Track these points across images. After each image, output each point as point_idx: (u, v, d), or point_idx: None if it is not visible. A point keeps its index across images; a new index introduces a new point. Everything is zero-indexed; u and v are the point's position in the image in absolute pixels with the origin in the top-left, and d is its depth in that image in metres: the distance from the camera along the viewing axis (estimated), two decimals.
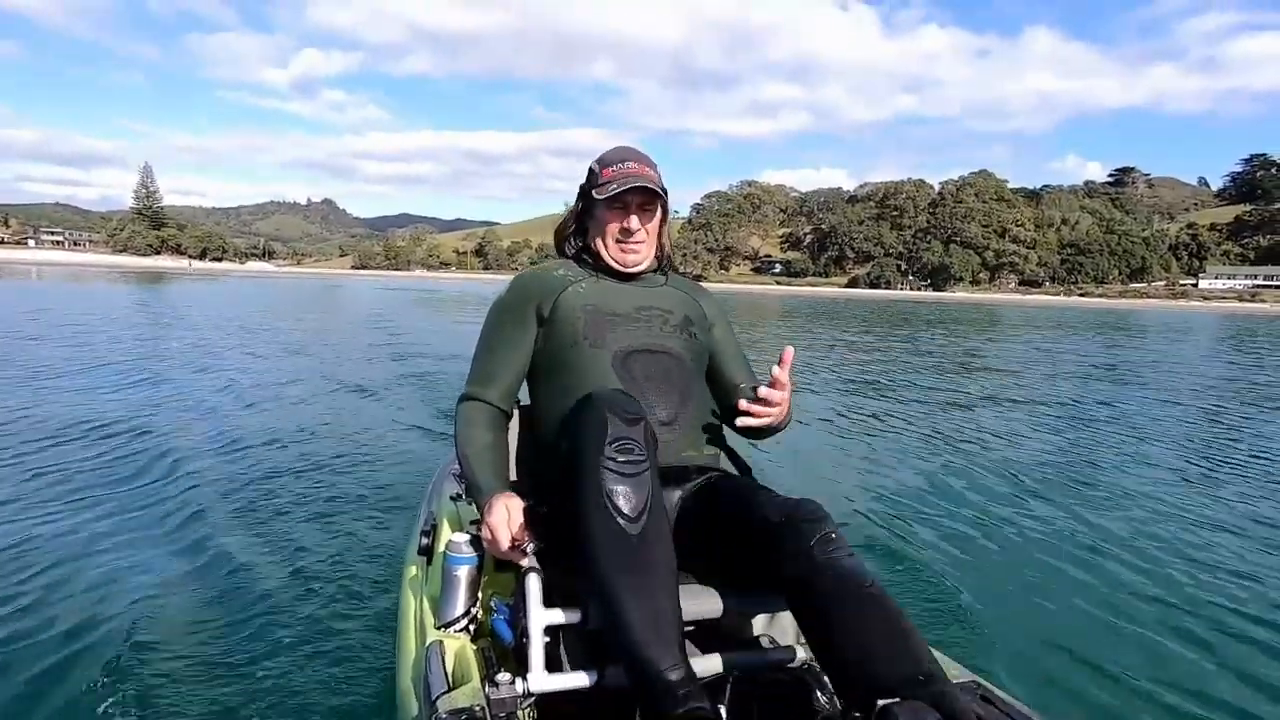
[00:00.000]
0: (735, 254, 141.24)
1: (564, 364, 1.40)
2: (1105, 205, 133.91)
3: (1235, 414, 7.22)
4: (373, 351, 9.91)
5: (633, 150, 1.51)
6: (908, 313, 35.56)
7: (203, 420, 4.88)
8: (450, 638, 1.34)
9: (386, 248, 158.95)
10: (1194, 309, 73.51)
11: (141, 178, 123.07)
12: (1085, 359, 13.43)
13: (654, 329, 1.44)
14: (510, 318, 1.47)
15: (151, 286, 31.19)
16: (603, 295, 1.46)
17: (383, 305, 24.12)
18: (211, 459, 3.88)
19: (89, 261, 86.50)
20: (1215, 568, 2.95)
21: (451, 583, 1.37)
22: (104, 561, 2.53)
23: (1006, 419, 6.47)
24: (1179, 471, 4.65)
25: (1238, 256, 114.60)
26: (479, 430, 1.40)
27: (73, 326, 11.01)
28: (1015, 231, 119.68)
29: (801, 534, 1.13)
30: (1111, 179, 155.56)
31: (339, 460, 3.97)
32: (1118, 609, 2.54)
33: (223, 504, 3.17)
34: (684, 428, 1.37)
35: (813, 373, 9.51)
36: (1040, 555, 3.03)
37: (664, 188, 1.48)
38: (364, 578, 2.48)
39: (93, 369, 6.95)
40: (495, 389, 1.44)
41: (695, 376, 1.46)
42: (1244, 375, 11.26)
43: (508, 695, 1.09)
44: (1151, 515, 3.62)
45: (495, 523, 1.24)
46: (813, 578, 1.09)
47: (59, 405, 5.08)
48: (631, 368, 1.38)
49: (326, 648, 2.03)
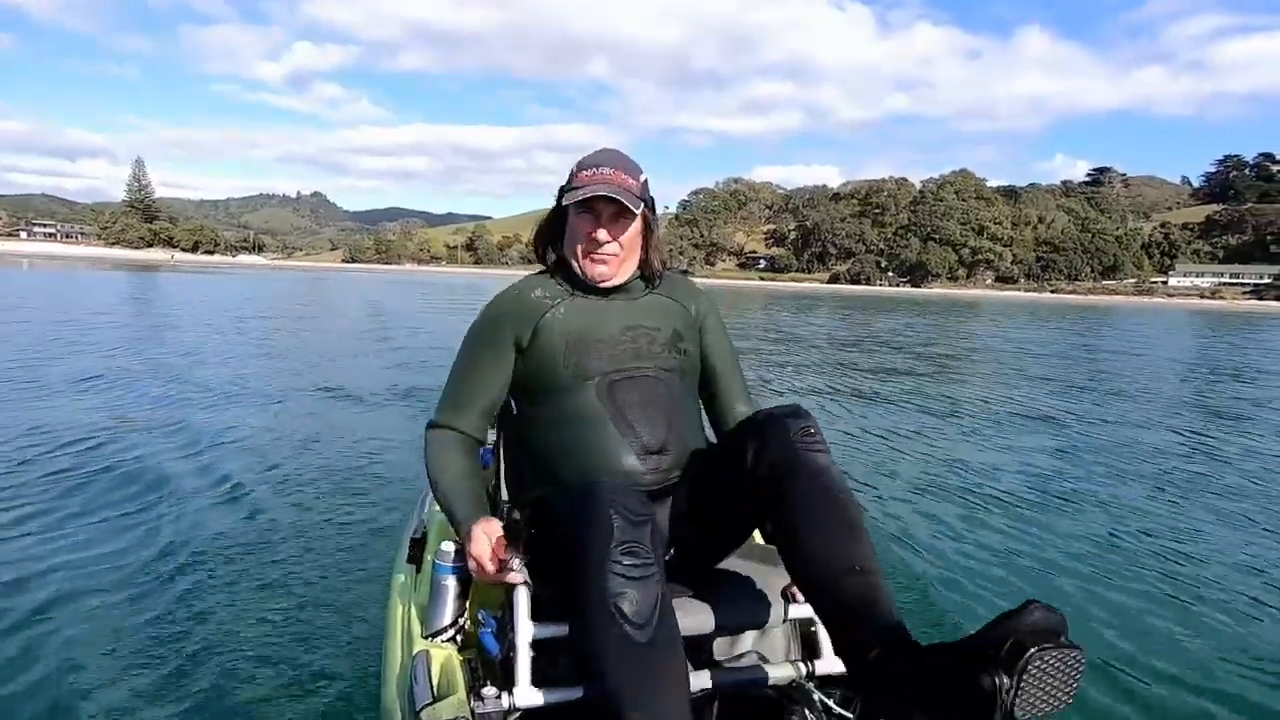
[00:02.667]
0: (721, 250, 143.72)
1: (546, 394, 1.36)
2: (1081, 204, 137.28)
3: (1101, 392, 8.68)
4: (364, 350, 9.96)
5: (616, 155, 1.42)
6: (871, 303, 38.26)
7: (183, 423, 4.73)
8: (437, 648, 1.32)
9: (377, 241, 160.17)
10: (1155, 305, 76.80)
11: (134, 171, 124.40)
12: (1012, 341, 16.06)
13: (640, 350, 1.38)
14: (484, 345, 1.41)
15: (143, 277, 32.28)
16: (584, 318, 1.39)
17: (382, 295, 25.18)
18: (193, 464, 3.80)
19: (81, 254, 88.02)
20: (1206, 560, 3.09)
21: (440, 592, 1.36)
22: (79, 568, 2.49)
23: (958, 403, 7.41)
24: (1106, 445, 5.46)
25: (1207, 255, 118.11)
26: (451, 458, 1.37)
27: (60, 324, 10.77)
28: (993, 229, 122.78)
29: (785, 426, 1.19)
30: (1089, 178, 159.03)
31: (328, 466, 3.92)
32: (1115, 604, 2.59)
33: (206, 510, 3.12)
34: (673, 453, 1.33)
35: (787, 360, 10.62)
36: (1039, 555, 3.08)
37: (646, 198, 1.41)
38: (352, 584, 2.47)
39: (72, 368, 6.68)
40: (467, 418, 1.40)
41: (684, 396, 1.42)
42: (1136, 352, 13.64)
43: (493, 710, 1.07)
44: (1129, 505, 3.87)
45: (478, 553, 1.22)
46: (790, 466, 1.16)
47: (41, 410, 4.94)
48: (616, 396, 1.33)
49: (313, 655, 2.01)
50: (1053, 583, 2.79)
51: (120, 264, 58.40)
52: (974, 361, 12.47)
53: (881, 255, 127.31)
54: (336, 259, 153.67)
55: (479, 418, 1.41)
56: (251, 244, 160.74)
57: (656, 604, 1.03)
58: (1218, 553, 3.22)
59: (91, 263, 59.15)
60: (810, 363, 10.58)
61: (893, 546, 3.07)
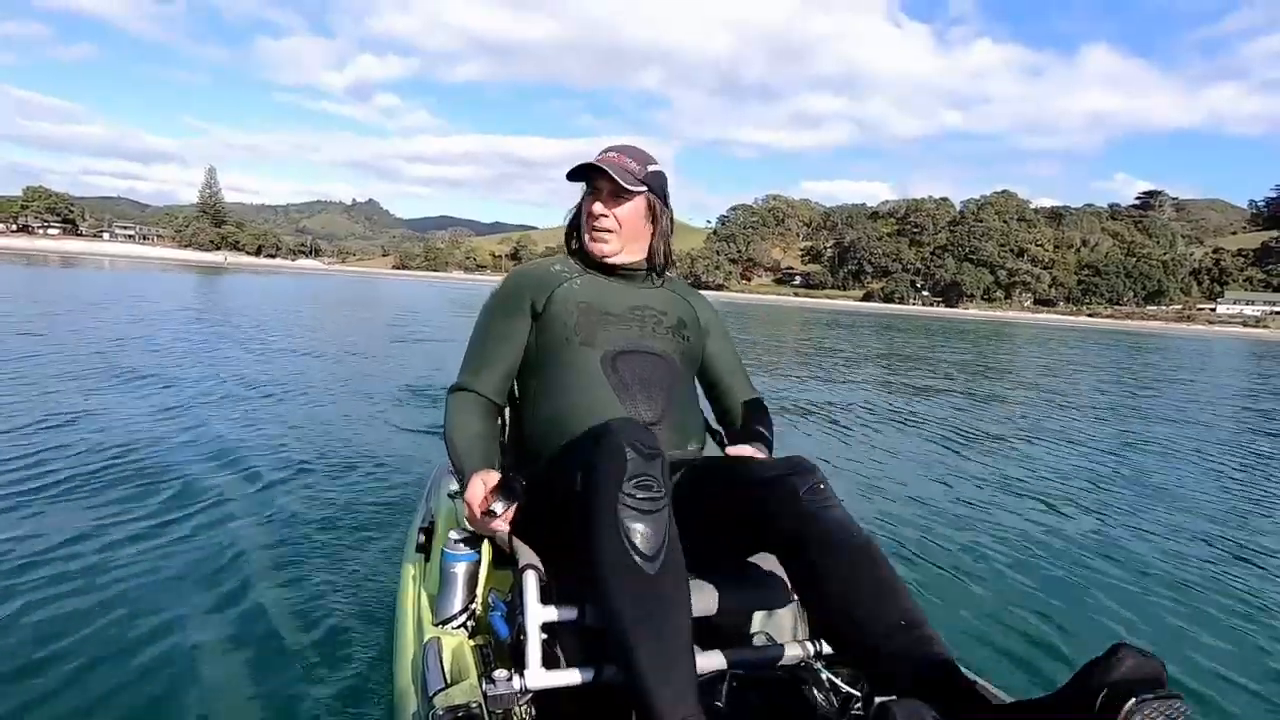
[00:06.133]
0: (757, 265, 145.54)
1: (554, 360, 1.40)
2: (1128, 227, 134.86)
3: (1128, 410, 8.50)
4: (377, 349, 10.05)
5: (629, 145, 1.50)
6: (886, 323, 38.52)
7: (191, 416, 4.74)
8: (448, 634, 1.34)
9: (426, 249, 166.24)
10: (1195, 333, 75.87)
11: (207, 178, 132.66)
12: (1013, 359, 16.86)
13: (646, 329, 1.45)
14: (504, 311, 1.47)
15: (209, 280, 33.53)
16: (597, 293, 1.46)
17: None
18: (205, 455, 3.80)
19: (155, 255, 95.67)
20: (1220, 561, 3.05)
21: (449, 579, 1.39)
22: (93, 554, 2.47)
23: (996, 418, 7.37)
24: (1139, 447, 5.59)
25: (1260, 282, 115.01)
26: (467, 418, 1.41)
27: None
28: (1033, 251, 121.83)
29: (792, 486, 1.15)
30: (1138, 201, 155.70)
31: (336, 457, 3.94)
32: (1116, 611, 2.56)
33: (215, 500, 3.12)
34: (669, 427, 1.37)
35: (808, 370, 10.71)
36: (1039, 557, 3.05)
37: (653, 186, 1.47)
38: (362, 574, 2.47)
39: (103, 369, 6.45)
40: (486, 380, 1.44)
41: (683, 377, 1.46)
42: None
43: (505, 692, 1.09)
44: (1140, 502, 3.85)
45: (470, 497, 1.26)
46: (803, 528, 1.11)
47: (72, 395, 4.99)
48: (620, 368, 1.37)
49: (324, 643, 2.02)
50: (1136, 625, 2.54)
51: (187, 265, 62.10)
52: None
53: (917, 274, 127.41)
54: (388, 265, 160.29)
55: (498, 381, 1.45)
56: (310, 249, 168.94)
57: (665, 537, 1.06)
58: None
59: (162, 263, 62.72)
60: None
61: (944, 582, 2.81)
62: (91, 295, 16.52)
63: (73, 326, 9.57)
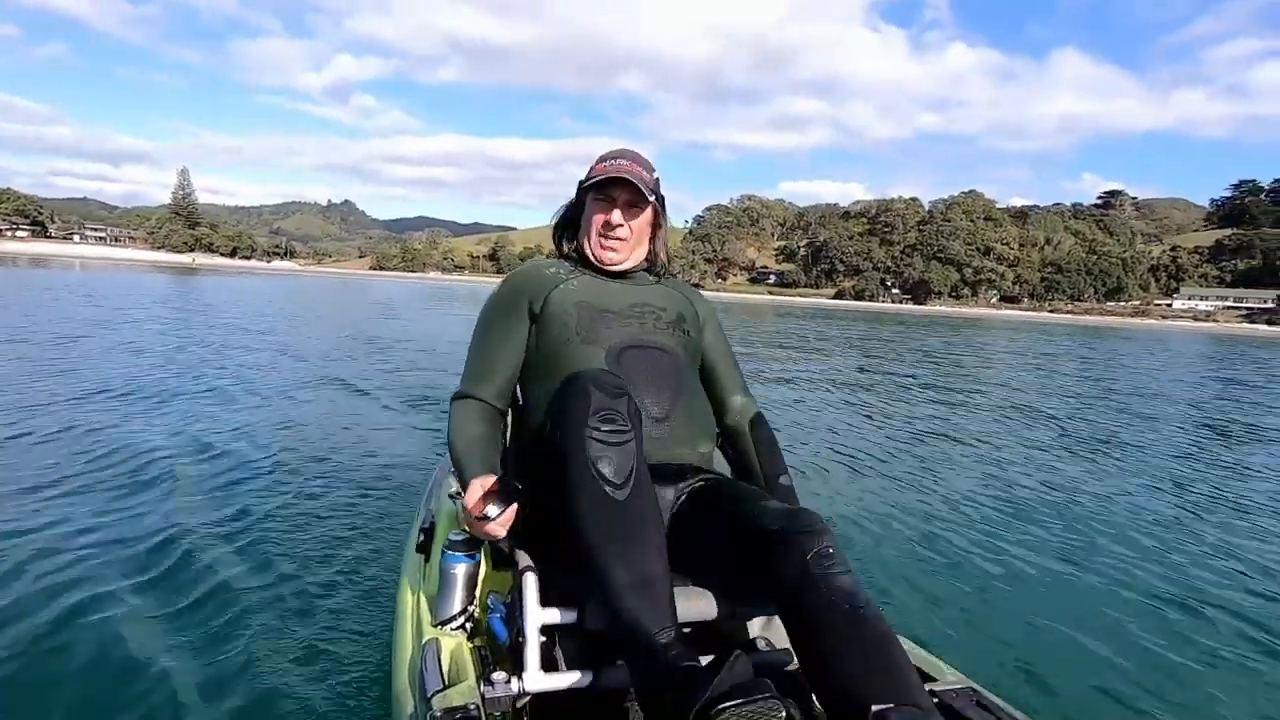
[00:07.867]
0: (732, 265, 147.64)
1: (556, 361, 1.38)
2: (1089, 226, 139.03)
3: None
4: (371, 345, 10.08)
5: (631, 151, 1.52)
6: (825, 313, 40.62)
7: (194, 415, 4.74)
8: (447, 636, 1.34)
9: (404, 250, 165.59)
10: (1147, 327, 79.34)
11: (180, 179, 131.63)
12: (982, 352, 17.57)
13: (647, 325, 1.44)
14: (502, 315, 1.47)
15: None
16: (595, 292, 1.46)
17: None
18: (204, 456, 3.78)
19: (123, 256, 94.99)
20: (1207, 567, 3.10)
21: (449, 581, 1.38)
22: (91, 559, 2.45)
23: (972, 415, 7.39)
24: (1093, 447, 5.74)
25: (1214, 279, 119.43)
26: (468, 424, 1.40)
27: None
28: (999, 250, 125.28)
29: (799, 546, 1.10)
30: (1100, 201, 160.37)
31: (337, 457, 3.92)
32: (1117, 616, 2.56)
33: (218, 501, 3.10)
34: (677, 425, 1.36)
35: (796, 369, 10.86)
36: (1039, 561, 3.06)
37: (657, 192, 1.50)
38: (362, 574, 2.47)
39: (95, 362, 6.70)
40: (489, 386, 1.44)
41: (689, 373, 1.46)
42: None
43: (503, 694, 1.09)
44: (1133, 515, 3.83)
45: (467, 499, 1.26)
46: (807, 593, 1.07)
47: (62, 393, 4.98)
48: (625, 364, 1.36)
49: (323, 644, 2.02)
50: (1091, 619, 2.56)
51: (156, 266, 60.88)
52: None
53: (887, 273, 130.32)
54: (364, 266, 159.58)
55: (499, 386, 1.45)
56: (284, 250, 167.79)
57: (633, 467, 1.09)
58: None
59: (131, 264, 61.42)
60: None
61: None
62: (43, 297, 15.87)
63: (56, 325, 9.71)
